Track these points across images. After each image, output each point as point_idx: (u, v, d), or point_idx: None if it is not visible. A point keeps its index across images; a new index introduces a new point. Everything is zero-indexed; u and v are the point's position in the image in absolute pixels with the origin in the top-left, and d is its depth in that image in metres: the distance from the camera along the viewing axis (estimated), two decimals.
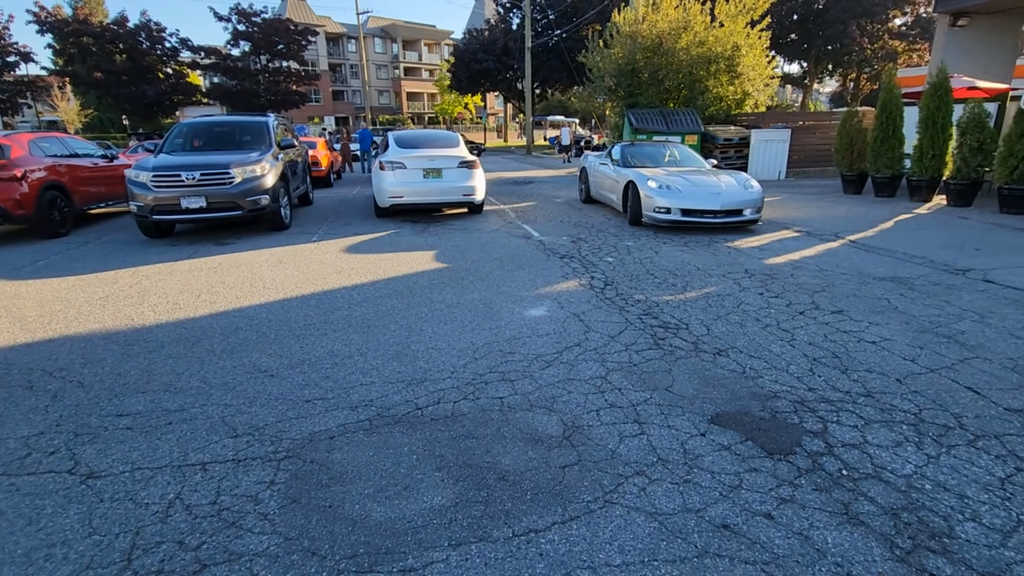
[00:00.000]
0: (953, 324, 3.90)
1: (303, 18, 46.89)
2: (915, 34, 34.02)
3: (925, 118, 9.18)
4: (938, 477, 2.24)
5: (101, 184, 9.23)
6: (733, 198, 7.21)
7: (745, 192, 7.37)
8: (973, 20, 12.67)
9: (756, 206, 7.30)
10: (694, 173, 7.96)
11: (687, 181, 7.50)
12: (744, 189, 7.41)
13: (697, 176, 7.79)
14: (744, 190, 7.38)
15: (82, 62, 31.59)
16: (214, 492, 2.24)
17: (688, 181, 7.52)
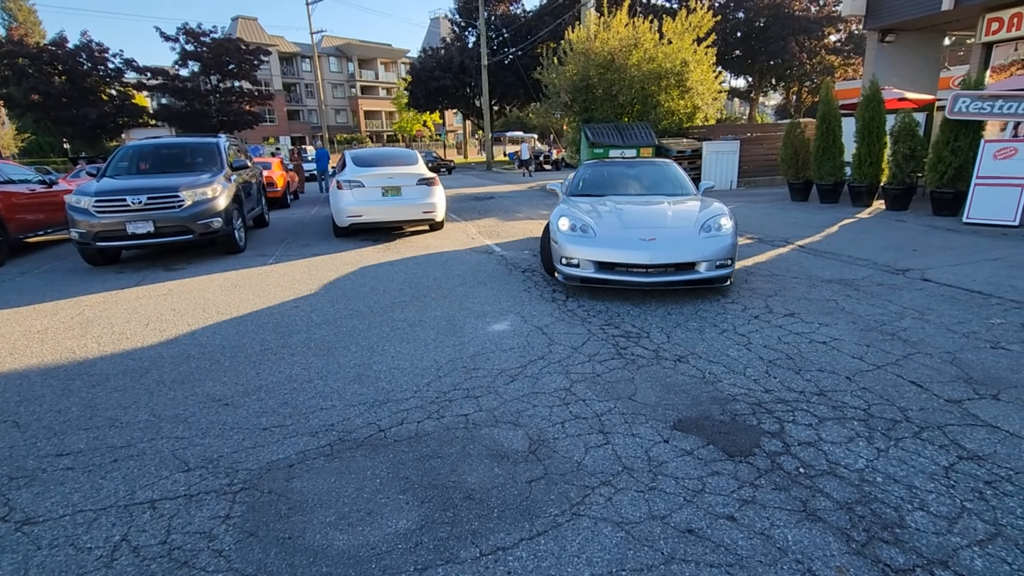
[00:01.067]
0: (896, 322, 4.11)
1: (255, 38, 46.17)
2: (849, 49, 36.17)
3: (861, 128, 9.72)
4: (888, 469, 2.33)
5: (39, 211, 8.78)
6: (676, 247, 4.72)
7: (699, 237, 4.79)
8: (899, 37, 13.59)
9: (720, 258, 4.73)
10: (647, 203, 5.70)
11: (618, 217, 5.22)
12: (701, 232, 4.85)
13: (642, 208, 5.56)
14: (700, 233, 4.84)
15: (17, 84, 30.06)
16: (164, 531, 2.12)
17: (621, 216, 5.23)
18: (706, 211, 5.24)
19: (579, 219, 5.21)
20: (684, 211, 5.36)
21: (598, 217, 5.29)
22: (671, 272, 4.71)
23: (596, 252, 4.84)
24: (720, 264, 4.74)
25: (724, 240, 4.80)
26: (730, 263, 4.82)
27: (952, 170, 8.28)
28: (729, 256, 4.79)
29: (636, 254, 4.70)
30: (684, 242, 4.78)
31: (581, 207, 5.59)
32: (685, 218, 5.16)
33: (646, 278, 4.67)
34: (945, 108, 8.23)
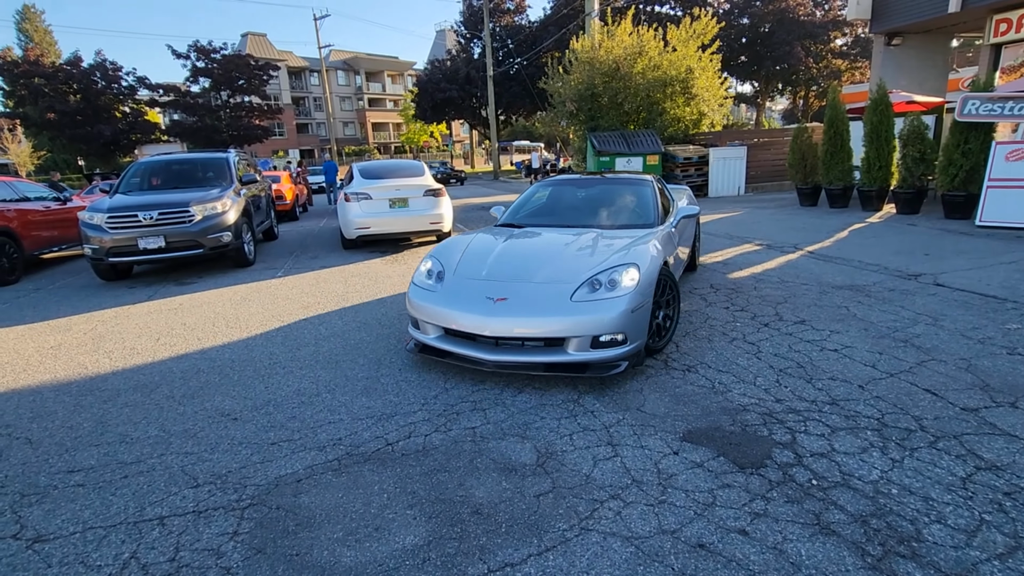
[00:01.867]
0: (909, 328, 4.05)
1: (264, 53, 46.89)
2: (856, 53, 36.02)
3: (869, 132, 9.65)
4: (903, 481, 2.29)
5: (53, 228, 8.91)
6: (532, 313, 3.33)
7: (571, 302, 3.32)
8: (906, 39, 13.52)
9: (606, 331, 3.24)
10: (566, 240, 4.16)
11: (494, 260, 3.91)
12: (580, 292, 3.37)
13: (543, 247, 4.17)
14: (578, 294, 3.36)
15: (34, 103, 30.75)
16: (173, 548, 2.13)
17: (499, 259, 3.93)
18: (617, 256, 3.65)
19: (444, 261, 3.98)
20: (592, 255, 3.76)
21: (470, 259, 3.96)
22: (529, 349, 3.33)
23: (434, 312, 3.59)
24: (606, 342, 3.23)
25: (614, 307, 3.23)
26: (624, 340, 3.26)
27: (963, 173, 8.19)
28: (621, 330, 3.23)
29: (475, 319, 3.36)
30: (546, 306, 3.32)
31: (476, 241, 4.33)
32: (575, 268, 3.57)
33: (491, 355, 3.31)
34: (955, 110, 8.15)
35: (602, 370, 3.27)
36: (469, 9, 40.28)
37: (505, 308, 3.35)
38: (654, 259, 3.70)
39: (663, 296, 3.84)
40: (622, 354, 3.29)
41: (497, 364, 3.34)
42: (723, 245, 7.75)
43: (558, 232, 4.45)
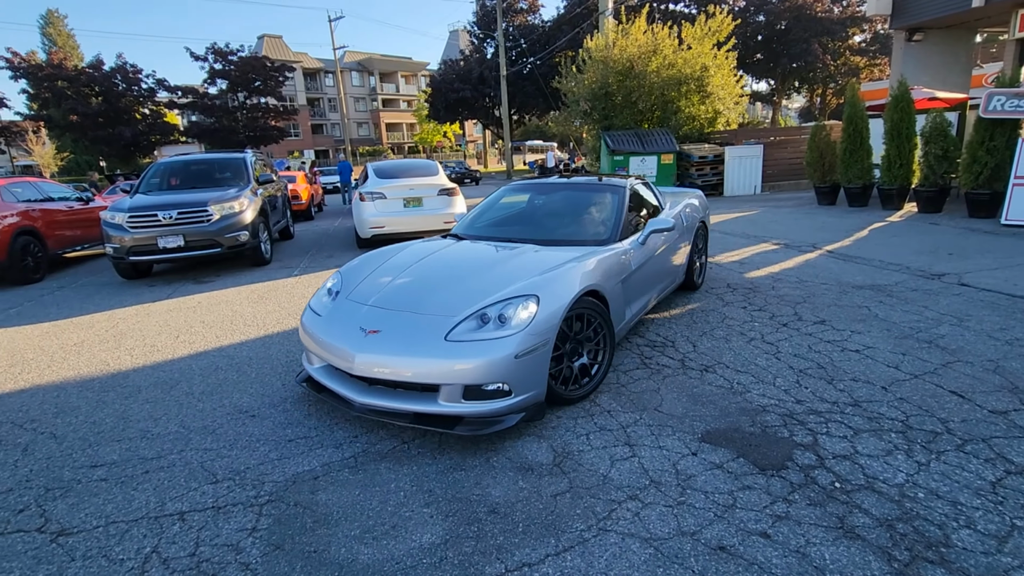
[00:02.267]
0: (933, 329, 3.96)
1: (280, 55, 47.40)
2: (875, 50, 35.45)
3: (890, 129, 9.48)
4: (930, 484, 2.23)
5: (76, 227, 9.09)
6: (401, 351, 2.79)
7: (447, 342, 2.73)
8: (927, 35, 13.25)
9: (488, 380, 2.65)
10: (498, 257, 3.65)
11: (400, 277, 3.44)
12: (462, 328, 2.78)
13: (465, 265, 3.61)
14: (457, 331, 2.77)
15: (57, 106, 31.41)
16: (193, 543, 2.15)
17: (406, 276, 3.45)
18: (523, 284, 2.99)
19: (348, 278, 3.57)
20: (502, 279, 3.13)
21: (376, 277, 3.49)
22: (402, 393, 2.79)
23: (313, 340, 3.16)
24: (483, 392, 2.66)
25: (491, 350, 2.62)
26: (509, 391, 2.66)
27: (988, 170, 8.00)
28: (501, 379, 2.63)
29: (343, 353, 2.87)
30: (417, 343, 2.76)
31: (403, 254, 3.89)
32: (471, 297, 2.96)
33: (361, 396, 2.83)
34: (979, 107, 7.97)
35: (478, 426, 2.66)
36: (482, 9, 40.33)
37: (374, 342, 2.83)
38: (567, 289, 2.97)
39: (587, 333, 3.13)
40: (505, 408, 2.67)
41: (364, 408, 2.84)
42: (739, 244, 7.66)
43: (495, 247, 3.85)
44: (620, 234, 3.89)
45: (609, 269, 3.45)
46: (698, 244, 5.25)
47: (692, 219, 4.94)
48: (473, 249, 3.92)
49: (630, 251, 3.79)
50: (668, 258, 4.48)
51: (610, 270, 3.46)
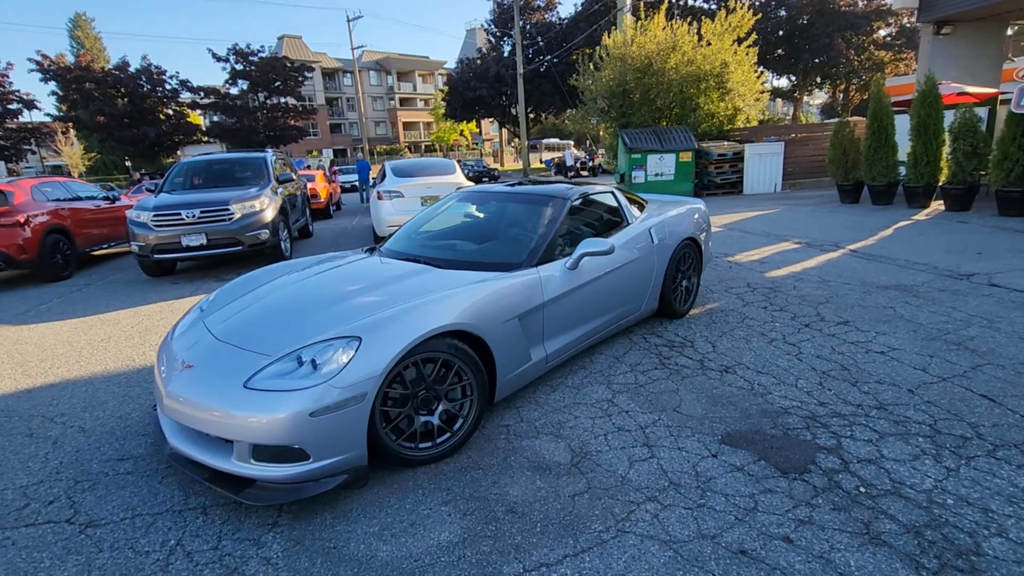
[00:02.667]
0: (962, 330, 3.85)
1: (299, 55, 47.95)
2: (900, 44, 34.61)
3: (917, 125, 9.25)
4: (960, 491, 2.17)
5: (103, 226, 9.31)
6: (199, 395, 2.38)
7: (244, 389, 2.27)
8: (956, 28, 12.91)
9: (282, 441, 2.17)
10: (378, 279, 3.19)
11: (266, 299, 3.08)
12: (265, 372, 2.33)
13: (338, 287, 3.15)
14: (258, 377, 2.31)
15: (85, 107, 32.22)
16: (215, 537, 2.18)
17: (268, 300, 3.06)
18: (353, 324, 2.48)
19: (219, 297, 3.33)
20: (351, 312, 2.65)
21: (243, 297, 3.20)
22: (206, 442, 2.39)
23: (157, 363, 2.84)
24: (282, 454, 2.21)
25: (282, 404, 2.18)
26: (308, 455, 2.21)
27: (1020, 167, 7.76)
28: (293, 440, 2.18)
29: (159, 385, 2.62)
30: (219, 386, 2.36)
31: (291, 270, 3.62)
32: (299, 333, 2.53)
33: (174, 438, 2.49)
34: (1010, 102, 7.73)
35: (275, 493, 2.23)
36: (499, 7, 40.30)
37: (184, 379, 2.49)
38: (407, 331, 2.42)
39: (450, 381, 2.63)
40: (302, 474, 2.22)
41: (171, 455, 2.50)
42: (759, 243, 7.55)
43: (395, 267, 3.39)
44: (540, 257, 3.28)
45: (498, 303, 2.85)
46: (682, 265, 4.46)
47: (672, 235, 4.24)
48: (367, 268, 3.44)
49: (550, 277, 3.19)
50: (623, 283, 3.77)
51: (500, 304, 2.85)
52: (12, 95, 30.20)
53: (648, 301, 4.14)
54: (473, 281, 2.95)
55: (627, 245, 3.87)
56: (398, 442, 2.50)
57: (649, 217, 4.30)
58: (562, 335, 3.33)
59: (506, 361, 2.88)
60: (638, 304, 4.05)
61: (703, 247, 4.76)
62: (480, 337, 2.71)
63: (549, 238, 3.43)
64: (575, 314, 3.40)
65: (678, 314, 4.47)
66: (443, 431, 2.63)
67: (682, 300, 4.54)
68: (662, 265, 4.17)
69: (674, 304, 4.41)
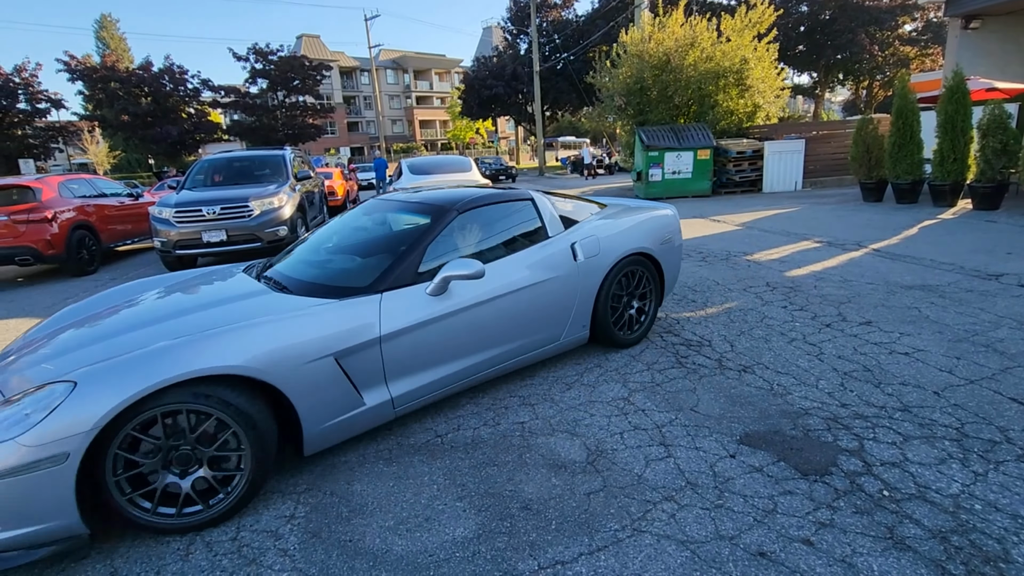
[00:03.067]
0: (990, 332, 3.75)
1: (317, 54, 48.39)
2: (926, 39, 33.76)
3: (944, 122, 9.01)
4: (988, 496, 2.11)
5: (127, 222, 9.51)
6: None
7: None
8: (985, 22, 12.56)
9: None
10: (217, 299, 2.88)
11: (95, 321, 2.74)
12: None
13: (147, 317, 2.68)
14: None
15: (110, 106, 32.91)
16: (234, 528, 2.21)
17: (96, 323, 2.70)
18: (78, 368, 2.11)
19: (53, 319, 3.00)
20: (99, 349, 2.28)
21: (86, 320, 2.80)
22: None
23: None
24: None
25: None
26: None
27: None
28: None
29: None
30: None
31: (156, 286, 3.35)
32: (39, 374, 2.19)
33: None
34: None
35: None
36: (516, 5, 40.21)
37: None
38: (141, 376, 2.03)
39: (223, 440, 2.19)
40: None
41: None
42: (779, 242, 7.43)
43: (239, 288, 3.01)
44: (392, 281, 2.78)
45: (302, 339, 2.39)
46: (629, 285, 3.80)
47: (609, 251, 3.57)
48: (209, 290, 3.08)
49: (399, 306, 2.70)
50: (525, 309, 3.19)
51: (304, 340, 2.39)
52: (41, 95, 30.94)
53: (571, 329, 3.50)
54: (289, 310, 2.56)
55: (538, 264, 3.28)
56: (151, 511, 2.12)
57: (580, 229, 3.62)
58: (419, 374, 2.76)
59: (315, 409, 2.41)
60: (554, 333, 3.40)
61: (663, 264, 3.98)
62: (272, 384, 2.26)
63: (409, 258, 2.91)
64: (442, 348, 2.83)
65: (621, 344, 3.81)
66: (213, 493, 2.22)
67: (632, 326, 3.87)
68: (591, 287, 3.52)
69: (613, 333, 3.72)
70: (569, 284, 3.42)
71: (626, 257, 3.69)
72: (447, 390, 2.94)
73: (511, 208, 3.54)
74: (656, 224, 4.05)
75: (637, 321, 3.93)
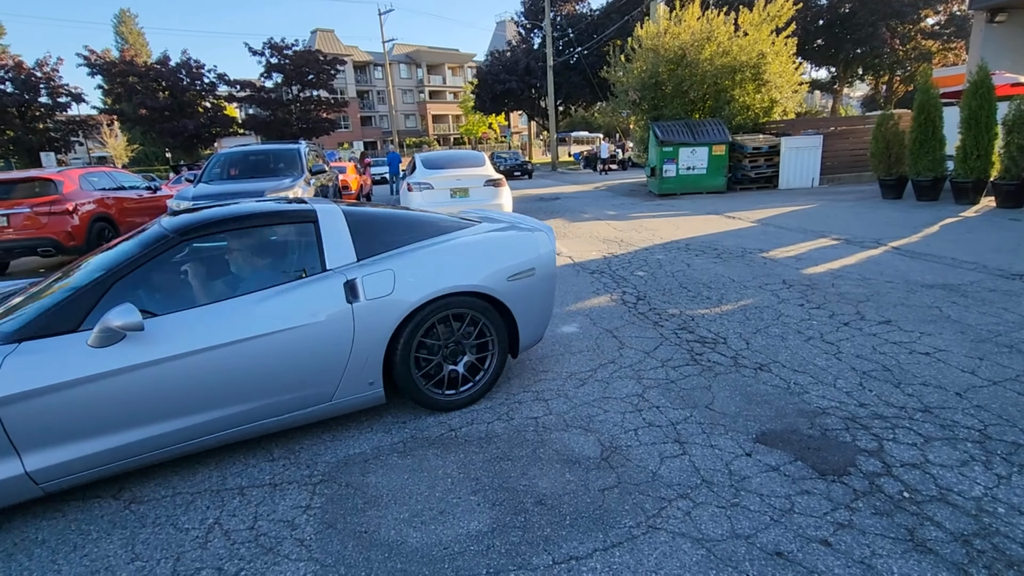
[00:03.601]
0: (1014, 333, 3.67)
1: (332, 48, 48.54)
2: (949, 33, 32.99)
3: (967, 118, 8.82)
4: (1012, 499, 2.07)
5: (146, 215, 9.63)
6: None
7: None
8: (1011, 15, 12.25)
9: None
10: None
11: None
12: None
13: None
14: None
15: (128, 100, 33.34)
16: (252, 517, 2.24)
17: None
18: None
19: None
20: None
21: None
22: None
23: None
24: None
25: None
26: None
27: None
28: None
29: None
30: None
31: None
32: None
33: None
34: None
35: None
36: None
37: None
38: None
39: None
40: None
41: None
42: (795, 239, 7.33)
43: None
44: (39, 327, 2.27)
45: None
46: (453, 335, 2.97)
47: (407, 289, 2.78)
48: None
49: (38, 360, 2.18)
50: (267, 362, 2.53)
51: None
52: (62, 89, 31.42)
53: (348, 387, 2.74)
54: None
55: (294, 305, 2.59)
56: None
57: (381, 260, 2.84)
58: (80, 442, 2.23)
59: None
60: (320, 392, 2.68)
61: (513, 308, 3.07)
62: None
63: (66, 297, 2.37)
64: (114, 412, 2.27)
65: (441, 407, 3.00)
66: None
67: (454, 387, 3.03)
68: (379, 335, 2.73)
69: (424, 393, 2.92)
70: (335, 331, 2.65)
71: (443, 297, 2.86)
72: (127, 464, 2.36)
73: (278, 231, 2.89)
74: (504, 253, 3.14)
75: (469, 380, 3.07)
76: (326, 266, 2.78)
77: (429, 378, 2.96)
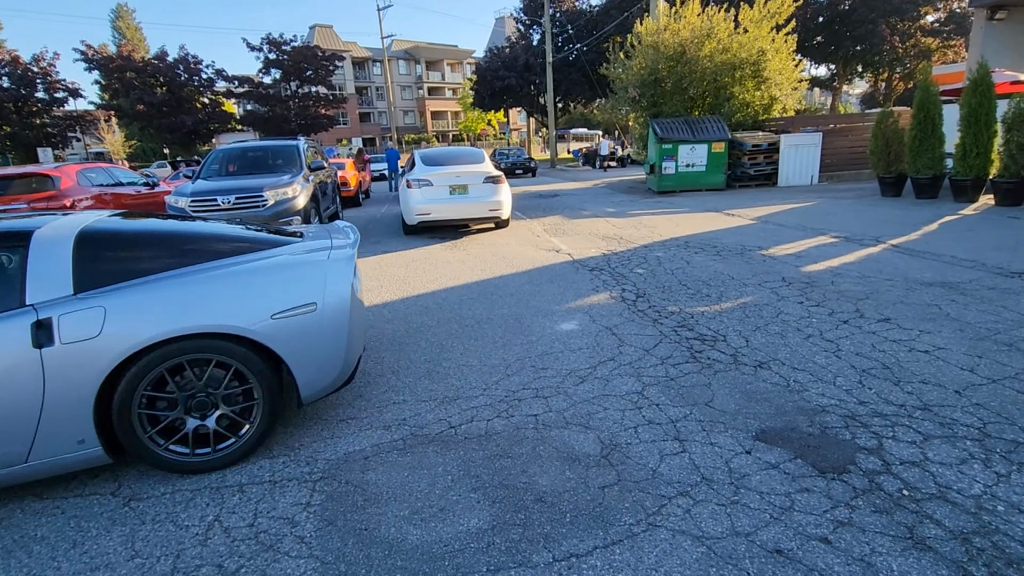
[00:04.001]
0: (1013, 331, 3.68)
1: (330, 44, 48.35)
2: (949, 30, 32.95)
3: (967, 115, 8.81)
4: (1011, 498, 2.08)
5: (143, 211, 9.61)
6: None
7: None
8: (1011, 13, 12.25)
9: None
10: None
11: None
12: None
13: None
14: None
15: (126, 96, 33.22)
16: (251, 514, 2.24)
17: None
18: None
19: None
20: None
21: None
22: None
23: None
24: None
25: None
26: None
27: None
28: None
29: None
30: None
31: None
32: None
33: None
34: None
35: None
36: None
37: None
38: None
39: None
40: None
41: None
42: (795, 237, 7.33)
43: None
44: None
45: None
46: (195, 385, 2.49)
47: (126, 330, 2.32)
48: None
49: None
50: None
51: None
52: (59, 84, 31.29)
53: (50, 446, 2.28)
54: None
55: None
56: None
57: (95, 296, 2.33)
58: None
59: None
60: (8, 451, 2.24)
61: (285, 354, 2.57)
62: None
63: None
64: None
65: (187, 468, 2.52)
66: None
67: (210, 445, 2.54)
68: (84, 386, 2.27)
69: (156, 453, 2.45)
70: (18, 381, 2.20)
71: (175, 341, 2.37)
72: None
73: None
74: (271, 286, 2.62)
75: (230, 434, 2.57)
76: (25, 300, 2.27)
77: (170, 435, 2.47)
